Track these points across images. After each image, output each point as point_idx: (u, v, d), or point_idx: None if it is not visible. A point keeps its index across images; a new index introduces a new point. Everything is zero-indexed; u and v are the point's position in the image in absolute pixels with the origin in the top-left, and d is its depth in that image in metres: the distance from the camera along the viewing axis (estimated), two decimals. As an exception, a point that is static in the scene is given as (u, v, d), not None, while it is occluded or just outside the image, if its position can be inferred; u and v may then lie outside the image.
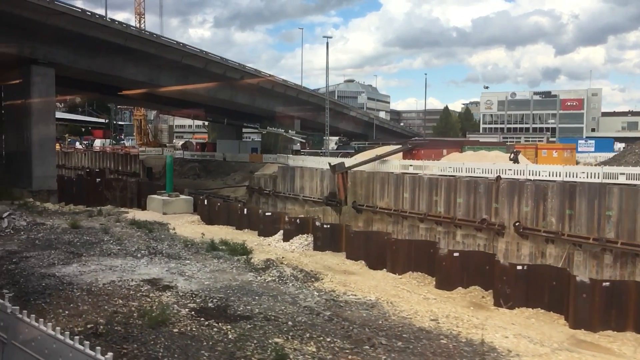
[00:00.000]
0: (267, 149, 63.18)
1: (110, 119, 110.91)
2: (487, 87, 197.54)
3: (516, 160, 31.53)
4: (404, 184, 31.13)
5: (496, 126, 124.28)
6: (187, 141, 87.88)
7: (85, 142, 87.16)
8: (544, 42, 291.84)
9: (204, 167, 60.47)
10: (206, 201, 34.39)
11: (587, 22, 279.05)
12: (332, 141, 67.82)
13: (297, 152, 60.26)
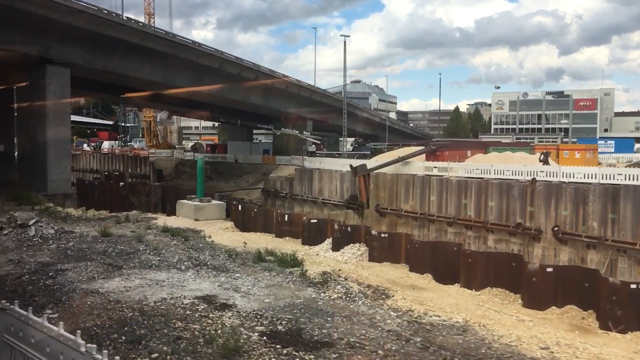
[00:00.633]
0: (278, 151, 62.36)
1: (118, 120, 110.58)
2: (499, 87, 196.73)
3: (546, 161, 30.54)
4: (430, 186, 30.19)
5: (507, 126, 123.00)
6: (197, 142, 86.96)
7: (93, 144, 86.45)
8: (547, 42, 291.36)
9: (216, 169, 59.56)
10: (240, 207, 32.61)
11: (591, 22, 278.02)
12: (347, 142, 66.87)
13: (312, 153, 59.39)
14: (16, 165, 43.46)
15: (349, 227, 26.73)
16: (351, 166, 35.23)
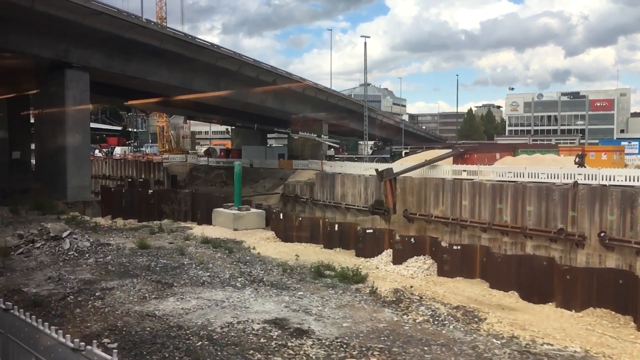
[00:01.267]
0: (294, 155, 61.52)
1: (130, 125, 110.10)
2: (512, 88, 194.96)
3: (582, 164, 29.41)
4: (462, 190, 29.24)
5: (522, 128, 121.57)
6: (209, 147, 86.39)
7: (105, 150, 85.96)
8: (553, 43, 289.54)
9: (231, 174, 58.74)
10: (282, 215, 31.07)
11: (597, 23, 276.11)
12: (367, 146, 65.90)
13: (330, 157, 58.46)
14: (33, 172, 42.81)
15: (412, 238, 24.13)
16: (377, 170, 34.32)
